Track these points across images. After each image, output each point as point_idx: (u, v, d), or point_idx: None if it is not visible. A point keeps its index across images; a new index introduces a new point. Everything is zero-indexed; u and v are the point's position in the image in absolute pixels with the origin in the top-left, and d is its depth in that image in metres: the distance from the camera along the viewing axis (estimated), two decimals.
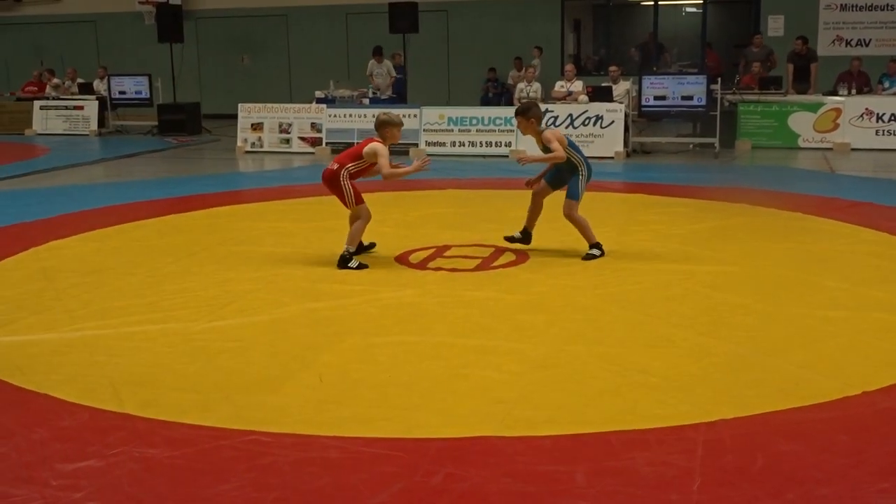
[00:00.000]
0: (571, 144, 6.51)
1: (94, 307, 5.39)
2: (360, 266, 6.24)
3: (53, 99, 18.11)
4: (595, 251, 6.48)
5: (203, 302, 5.47)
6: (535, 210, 6.75)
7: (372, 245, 6.75)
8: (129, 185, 11.01)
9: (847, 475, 3.17)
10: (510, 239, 6.81)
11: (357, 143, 7.01)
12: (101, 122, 17.69)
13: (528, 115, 6.49)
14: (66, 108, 17.82)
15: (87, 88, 18.31)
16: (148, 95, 17.75)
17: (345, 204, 6.35)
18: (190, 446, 3.45)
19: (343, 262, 6.24)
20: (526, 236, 6.80)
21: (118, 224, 7.98)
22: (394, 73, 16.18)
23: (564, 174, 6.53)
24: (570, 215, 6.51)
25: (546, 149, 6.46)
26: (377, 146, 6.24)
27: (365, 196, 6.39)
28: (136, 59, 20.48)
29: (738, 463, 3.26)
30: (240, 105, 14.99)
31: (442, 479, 3.16)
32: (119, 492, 3.11)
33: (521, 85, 14.99)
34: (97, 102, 17.68)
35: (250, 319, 5.12)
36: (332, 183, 6.32)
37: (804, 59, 14.75)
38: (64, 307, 5.40)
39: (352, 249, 6.31)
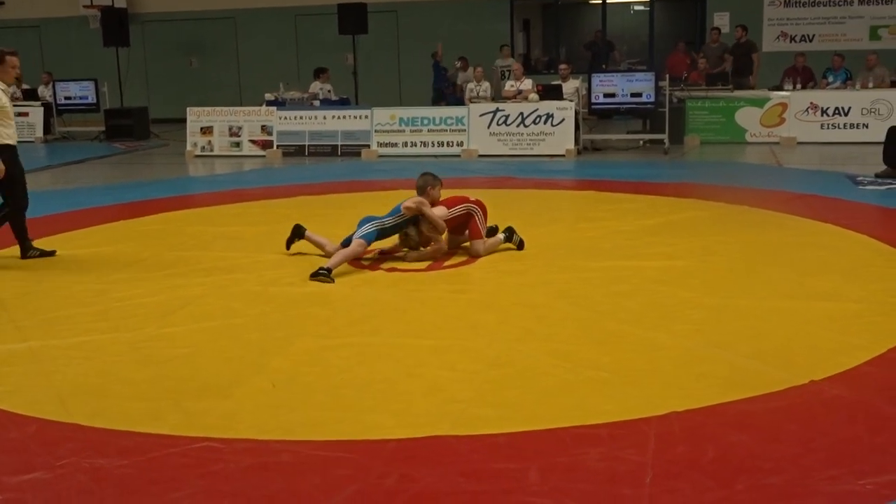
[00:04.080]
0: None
1: (40, 317, 5.30)
2: None
3: None
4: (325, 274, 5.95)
5: (152, 309, 5.40)
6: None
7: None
8: (75, 192, 10.82)
9: (796, 463, 3.22)
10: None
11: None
12: (47, 128, 17.37)
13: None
14: None
15: (31, 94, 17.96)
16: (94, 100, 17.52)
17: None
18: (140, 455, 3.40)
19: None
20: None
21: (64, 232, 7.83)
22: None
23: None
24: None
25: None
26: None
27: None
28: (82, 63, 20.14)
29: (690, 455, 3.29)
30: (188, 109, 14.82)
31: (396, 481, 3.15)
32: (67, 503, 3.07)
33: (471, 85, 15.01)
34: (42, 108, 17.36)
35: (200, 325, 5.07)
36: None
37: (743, 48, 14.94)
38: (10, 317, 5.30)
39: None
